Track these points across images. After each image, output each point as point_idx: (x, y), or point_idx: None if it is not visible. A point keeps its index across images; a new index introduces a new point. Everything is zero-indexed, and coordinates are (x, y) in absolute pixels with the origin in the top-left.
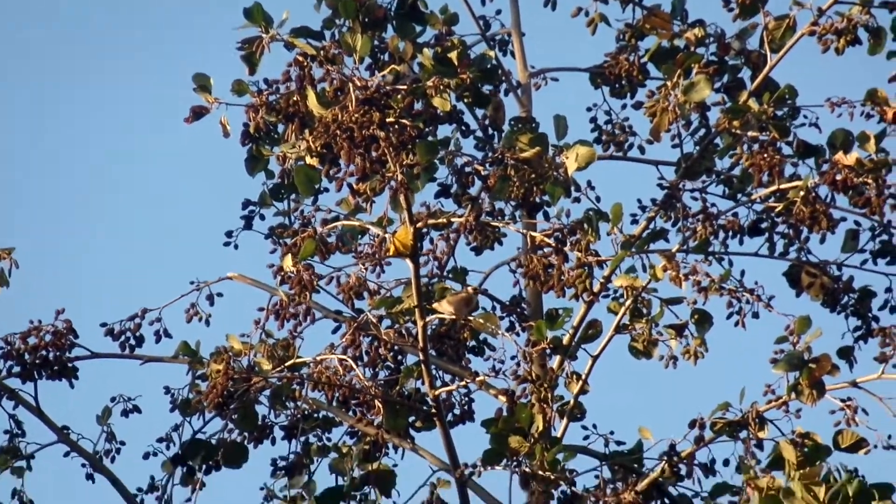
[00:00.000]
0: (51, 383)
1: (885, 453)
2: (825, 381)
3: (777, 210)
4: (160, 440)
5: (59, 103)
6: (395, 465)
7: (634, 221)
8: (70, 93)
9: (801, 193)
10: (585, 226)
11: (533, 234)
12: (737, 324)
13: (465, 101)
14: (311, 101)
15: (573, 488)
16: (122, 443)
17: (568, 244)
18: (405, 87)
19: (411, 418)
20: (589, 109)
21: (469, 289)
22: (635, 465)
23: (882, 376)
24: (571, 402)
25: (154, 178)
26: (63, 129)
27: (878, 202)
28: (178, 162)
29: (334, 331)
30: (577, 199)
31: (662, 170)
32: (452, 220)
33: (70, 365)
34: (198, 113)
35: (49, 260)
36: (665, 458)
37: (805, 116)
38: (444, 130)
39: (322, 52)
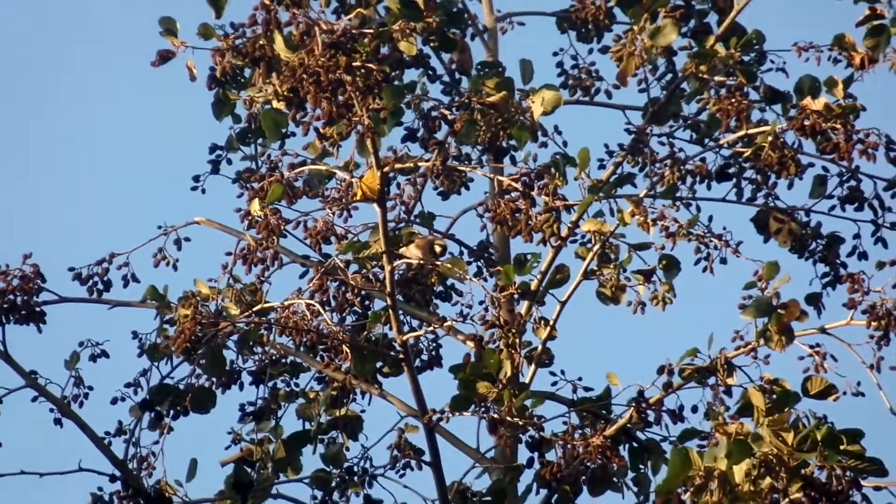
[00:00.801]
0: (18, 328)
1: (854, 400)
2: (794, 328)
3: (745, 155)
4: (128, 385)
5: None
6: (363, 411)
7: (602, 166)
8: (39, 34)
9: (769, 139)
10: (553, 170)
11: (500, 178)
12: (705, 269)
13: (432, 45)
14: (278, 44)
15: (541, 434)
16: (90, 388)
17: (535, 189)
18: (371, 31)
19: (379, 364)
20: (555, 54)
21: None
22: (603, 412)
23: (850, 322)
24: (539, 347)
25: (121, 122)
26: (29, 71)
27: (846, 148)
28: (144, 106)
29: (302, 276)
30: (545, 144)
31: (629, 115)
32: (419, 164)
33: (38, 309)
34: (164, 57)
35: (16, 204)
36: (633, 404)
37: (772, 61)
38: (410, 75)
39: None
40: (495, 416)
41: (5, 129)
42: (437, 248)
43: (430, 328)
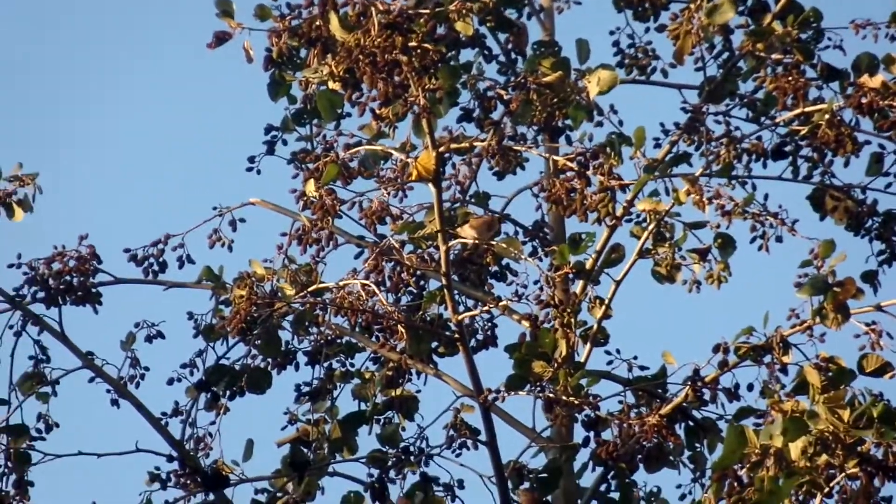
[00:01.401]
0: (75, 309)
1: None
2: (849, 305)
3: (801, 133)
4: (184, 366)
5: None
6: (419, 391)
7: (657, 145)
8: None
9: (826, 116)
10: (608, 150)
11: (555, 158)
12: (760, 248)
13: (488, 25)
14: (334, 25)
15: (597, 413)
16: (147, 368)
17: (590, 168)
18: (428, 10)
19: (434, 344)
20: (612, 33)
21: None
22: (659, 391)
23: None
24: (595, 326)
25: (178, 105)
26: (88, 55)
27: None
28: (200, 87)
29: (357, 256)
30: (600, 124)
31: (685, 93)
32: (475, 144)
33: (94, 290)
34: (220, 38)
35: (72, 186)
36: (689, 383)
37: (829, 39)
38: (466, 55)
39: None
40: (551, 395)
41: (62, 109)
42: (494, 227)
43: (486, 308)
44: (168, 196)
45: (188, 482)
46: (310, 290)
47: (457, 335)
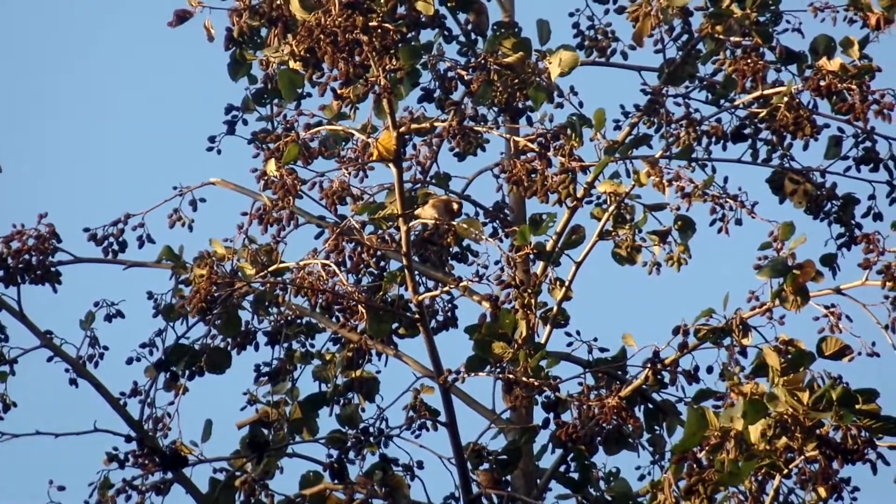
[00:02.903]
0: (34, 288)
1: (869, 360)
2: (809, 288)
3: (760, 116)
4: (143, 345)
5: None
6: (379, 372)
7: (618, 127)
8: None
9: (785, 99)
10: (569, 131)
11: (516, 139)
12: (720, 230)
13: (448, 5)
14: (295, 4)
15: (557, 394)
16: (106, 348)
17: (551, 149)
18: None
19: (395, 324)
20: (571, 15)
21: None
22: (619, 372)
23: (866, 283)
24: (555, 308)
25: (137, 83)
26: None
27: (862, 108)
28: (161, 66)
29: (317, 236)
30: (560, 105)
31: (645, 75)
32: (435, 125)
33: (53, 269)
34: (181, 17)
35: (31, 164)
36: (649, 364)
37: (788, 21)
38: (426, 35)
39: None
40: (511, 376)
41: (20, 89)
42: (454, 208)
43: (446, 288)
44: (128, 175)
45: (146, 462)
46: (270, 269)
47: (417, 316)
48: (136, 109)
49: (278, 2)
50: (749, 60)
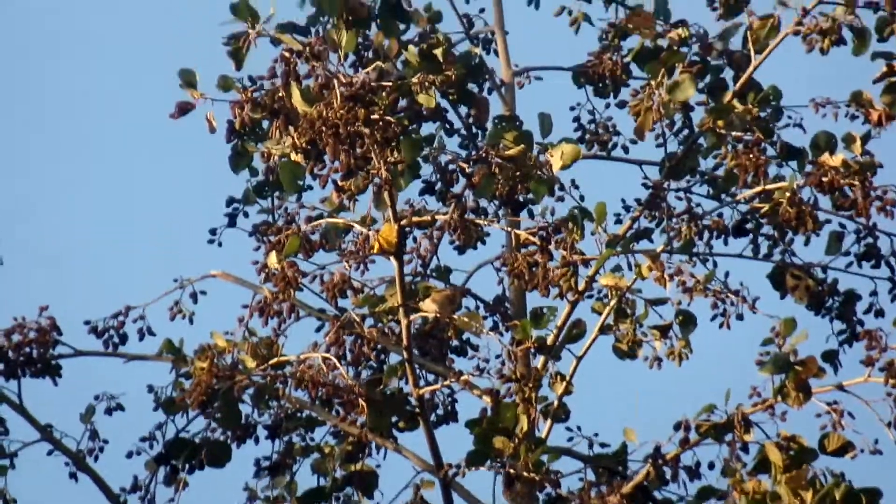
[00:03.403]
0: (34, 381)
1: (872, 457)
2: (811, 384)
3: (762, 211)
4: (143, 439)
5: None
6: (378, 466)
7: (619, 221)
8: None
9: (786, 194)
10: (570, 224)
11: (517, 232)
12: (721, 325)
13: (450, 98)
14: (296, 97)
15: (558, 490)
16: (106, 441)
17: (552, 242)
18: (390, 83)
19: (395, 418)
20: (572, 108)
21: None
22: (620, 468)
23: (868, 379)
24: (556, 402)
25: (138, 175)
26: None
27: (864, 204)
28: (162, 158)
29: (318, 329)
30: (562, 198)
31: (646, 169)
32: (436, 217)
33: (54, 362)
34: (183, 109)
35: (33, 257)
36: (650, 460)
37: (789, 117)
38: (428, 128)
39: (307, 48)
40: (511, 471)
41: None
42: (456, 298)
43: (446, 382)
44: (129, 268)
45: None
46: (270, 363)
47: (417, 409)
48: (137, 201)
49: (280, 94)
50: (750, 155)
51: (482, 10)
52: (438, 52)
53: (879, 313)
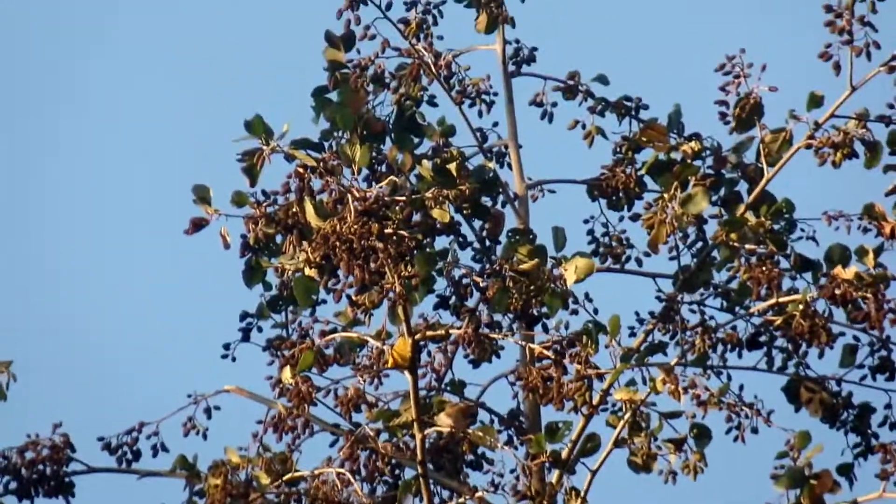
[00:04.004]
0: (47, 501)
1: None
2: (826, 499)
3: (776, 324)
4: None
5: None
6: None
7: (633, 334)
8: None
9: (800, 307)
10: (584, 338)
11: (531, 346)
12: (736, 438)
13: (464, 212)
14: (310, 212)
15: None
16: None
17: (567, 356)
18: (404, 198)
19: None
20: (586, 221)
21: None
22: None
23: (883, 494)
24: None
25: (152, 290)
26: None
27: (878, 317)
28: (175, 273)
29: (332, 444)
30: (576, 312)
31: (660, 282)
32: (451, 332)
33: (67, 480)
34: (197, 224)
35: (46, 372)
36: None
37: (802, 230)
38: (442, 242)
39: (321, 163)
40: None
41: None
42: (469, 415)
43: (461, 499)
44: (143, 383)
45: None
46: (285, 478)
47: None
48: (150, 316)
49: (294, 209)
50: (764, 268)
51: (496, 124)
52: (452, 166)
53: (894, 426)
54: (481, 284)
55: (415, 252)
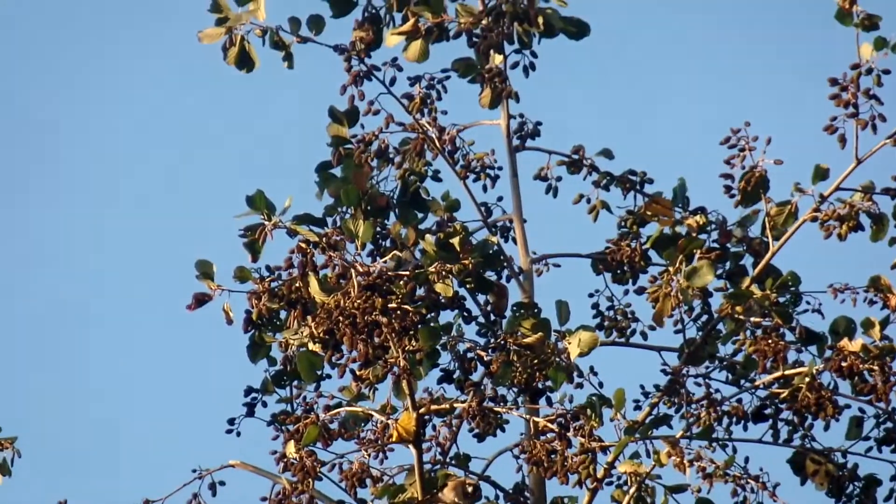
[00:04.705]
0: None
1: None
2: None
3: (781, 397)
4: None
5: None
6: None
7: (638, 407)
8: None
9: (806, 380)
10: (588, 411)
11: (536, 419)
12: None
13: (468, 286)
14: (314, 287)
15: None
16: None
17: (571, 430)
18: (407, 272)
19: None
20: (591, 295)
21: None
22: None
23: None
24: None
25: (155, 365)
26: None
27: (884, 389)
28: (179, 348)
29: None
30: (580, 385)
31: (665, 356)
32: (455, 406)
33: None
34: (200, 300)
35: (51, 448)
36: None
37: (808, 302)
38: (446, 316)
39: (324, 238)
40: None
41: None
42: (469, 489)
43: None
44: (147, 458)
45: None
46: None
47: None
48: (154, 392)
49: (297, 284)
50: (769, 341)
51: (500, 199)
52: (456, 240)
53: None
54: (485, 358)
55: (419, 326)
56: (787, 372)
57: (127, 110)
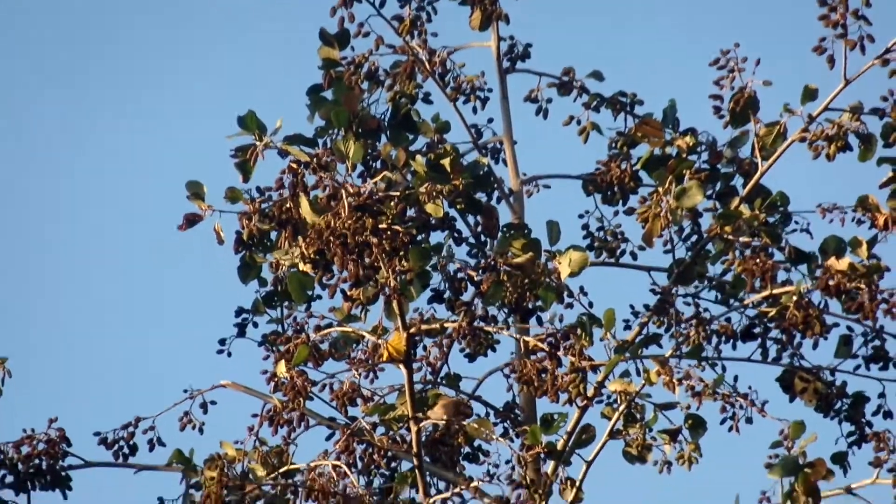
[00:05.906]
0: (43, 494)
1: None
2: (820, 487)
3: (770, 315)
4: None
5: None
6: None
7: (627, 327)
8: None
9: (794, 299)
10: (579, 331)
11: (526, 339)
12: (731, 429)
13: (458, 207)
14: (304, 207)
15: None
16: None
17: (561, 349)
18: (398, 193)
19: None
20: (581, 216)
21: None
22: None
23: (876, 481)
24: None
25: (147, 286)
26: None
27: (871, 307)
28: (170, 269)
29: (328, 437)
30: (570, 305)
31: (655, 276)
32: (446, 326)
33: (63, 474)
34: (191, 220)
35: (42, 368)
36: None
37: (796, 222)
38: (436, 237)
39: (315, 159)
40: None
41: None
42: (462, 403)
43: (457, 490)
44: (139, 378)
45: None
46: (281, 471)
47: None
48: (144, 313)
49: (288, 205)
50: (758, 260)
51: (490, 121)
52: (446, 161)
53: (888, 415)
54: (476, 279)
55: (409, 247)
56: (775, 291)
57: (128, 45)
